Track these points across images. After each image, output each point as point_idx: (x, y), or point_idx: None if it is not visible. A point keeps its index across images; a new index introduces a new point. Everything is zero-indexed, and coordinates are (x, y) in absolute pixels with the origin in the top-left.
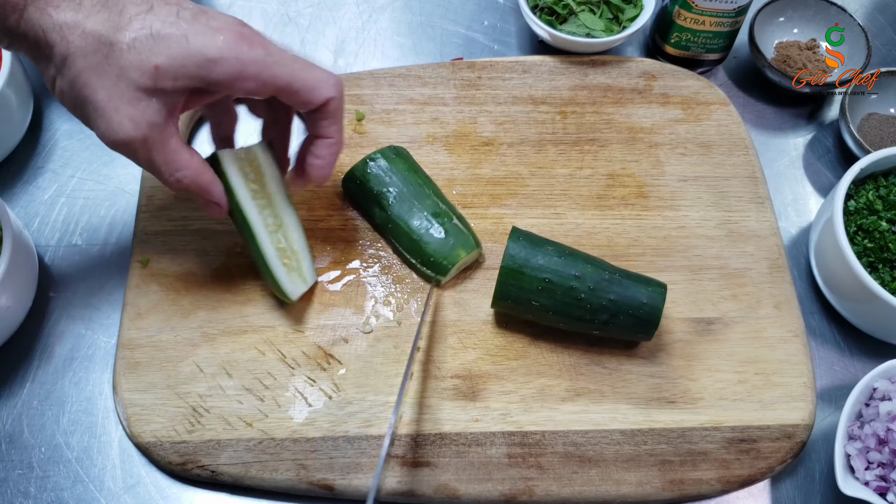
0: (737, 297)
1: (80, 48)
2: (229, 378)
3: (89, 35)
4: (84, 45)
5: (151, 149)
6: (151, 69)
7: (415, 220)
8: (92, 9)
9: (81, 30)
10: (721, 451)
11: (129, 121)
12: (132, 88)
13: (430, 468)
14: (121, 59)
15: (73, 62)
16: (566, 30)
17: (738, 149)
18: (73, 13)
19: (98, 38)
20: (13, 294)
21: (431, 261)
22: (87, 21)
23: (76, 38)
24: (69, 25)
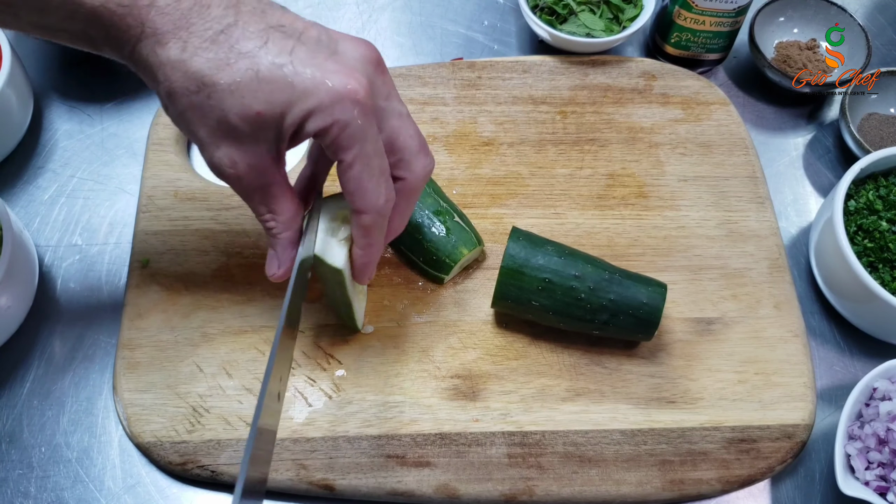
0: (737, 297)
1: (182, 88)
2: (229, 378)
3: (191, 76)
4: (186, 85)
5: (247, 189)
6: (252, 115)
7: (416, 218)
8: (199, 47)
9: (184, 70)
10: (721, 451)
11: (228, 160)
12: (232, 132)
13: (430, 468)
14: (222, 101)
15: (177, 100)
16: (566, 30)
17: (738, 149)
18: (178, 51)
19: (199, 80)
20: (13, 294)
21: (434, 259)
22: (191, 60)
23: (179, 77)
24: (173, 64)
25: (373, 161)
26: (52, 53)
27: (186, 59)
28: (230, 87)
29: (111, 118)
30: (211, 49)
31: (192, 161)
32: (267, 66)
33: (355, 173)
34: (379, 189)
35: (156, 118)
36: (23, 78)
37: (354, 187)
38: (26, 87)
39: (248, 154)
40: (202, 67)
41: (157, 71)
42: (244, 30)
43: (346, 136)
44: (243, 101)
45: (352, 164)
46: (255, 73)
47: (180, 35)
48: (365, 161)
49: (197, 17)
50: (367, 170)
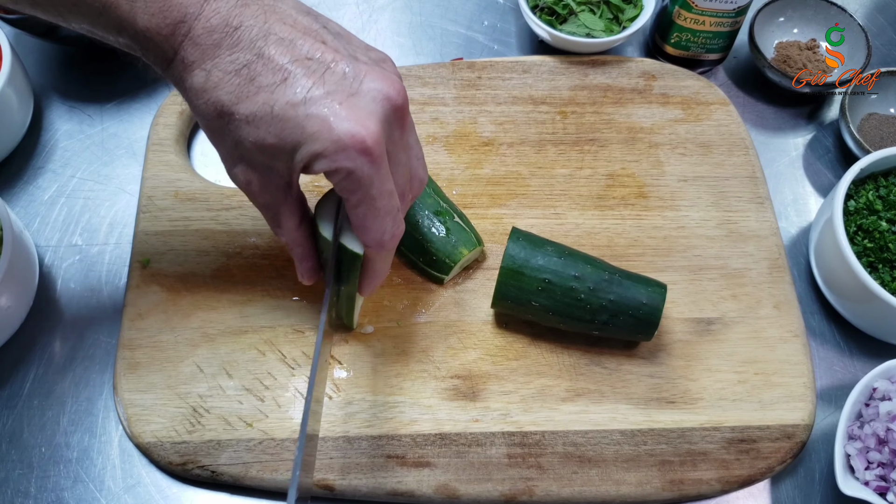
0: (737, 297)
1: (204, 113)
2: (229, 378)
3: (212, 104)
4: (207, 111)
5: (260, 204)
6: (265, 146)
7: (416, 218)
8: (221, 79)
9: (206, 98)
10: (721, 451)
11: (244, 177)
12: (246, 157)
13: (430, 468)
14: (238, 129)
15: (201, 120)
16: (566, 30)
17: (738, 149)
18: (202, 80)
19: (219, 109)
20: (13, 294)
21: (434, 259)
22: (213, 91)
23: (201, 103)
24: (196, 91)
25: (377, 203)
26: (52, 53)
27: (209, 89)
28: (246, 119)
29: (111, 118)
30: (232, 81)
31: (192, 161)
32: (282, 104)
33: (359, 213)
34: (383, 227)
35: (156, 118)
36: (23, 78)
37: (359, 224)
38: (26, 87)
39: (261, 177)
40: (222, 98)
41: (185, 93)
42: (267, 64)
43: (350, 181)
44: (258, 132)
45: (356, 206)
46: (270, 110)
47: (205, 66)
48: (369, 204)
49: (225, 50)
50: (371, 211)
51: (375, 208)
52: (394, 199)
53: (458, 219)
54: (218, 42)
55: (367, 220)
